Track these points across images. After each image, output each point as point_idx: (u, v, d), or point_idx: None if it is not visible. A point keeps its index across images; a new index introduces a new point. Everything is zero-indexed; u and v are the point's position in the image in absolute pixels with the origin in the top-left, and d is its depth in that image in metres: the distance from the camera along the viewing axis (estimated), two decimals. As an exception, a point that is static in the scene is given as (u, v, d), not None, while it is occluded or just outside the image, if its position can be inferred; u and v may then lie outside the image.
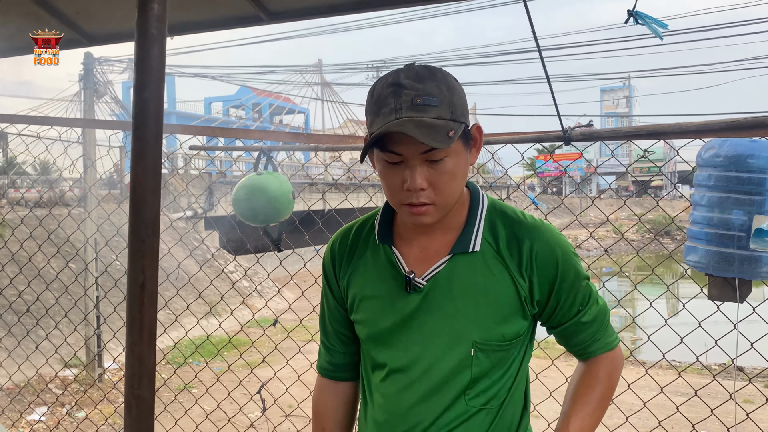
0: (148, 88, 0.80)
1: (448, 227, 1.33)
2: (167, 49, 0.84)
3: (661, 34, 1.88)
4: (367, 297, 1.37)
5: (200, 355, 4.98)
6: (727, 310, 2.53)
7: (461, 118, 1.21)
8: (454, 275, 1.29)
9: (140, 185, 0.81)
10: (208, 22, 2.55)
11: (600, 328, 1.40)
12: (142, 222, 0.82)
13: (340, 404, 1.52)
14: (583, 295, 1.35)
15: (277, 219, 3.18)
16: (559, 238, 1.33)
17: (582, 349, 1.42)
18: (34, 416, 5.87)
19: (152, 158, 0.80)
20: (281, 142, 4.83)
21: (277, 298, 11.14)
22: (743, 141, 2.38)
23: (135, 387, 0.82)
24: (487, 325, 1.28)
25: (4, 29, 2.83)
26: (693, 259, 2.52)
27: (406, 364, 1.32)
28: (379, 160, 1.25)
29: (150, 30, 0.80)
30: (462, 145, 1.24)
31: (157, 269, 0.83)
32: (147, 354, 0.83)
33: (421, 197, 1.21)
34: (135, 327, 0.83)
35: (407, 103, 1.16)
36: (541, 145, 2.81)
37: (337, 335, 1.48)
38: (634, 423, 2.95)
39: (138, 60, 0.80)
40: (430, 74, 1.20)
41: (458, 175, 1.24)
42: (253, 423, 3.81)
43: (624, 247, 23.61)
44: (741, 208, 2.35)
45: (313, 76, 34.71)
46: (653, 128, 2.73)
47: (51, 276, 4.09)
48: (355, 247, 1.42)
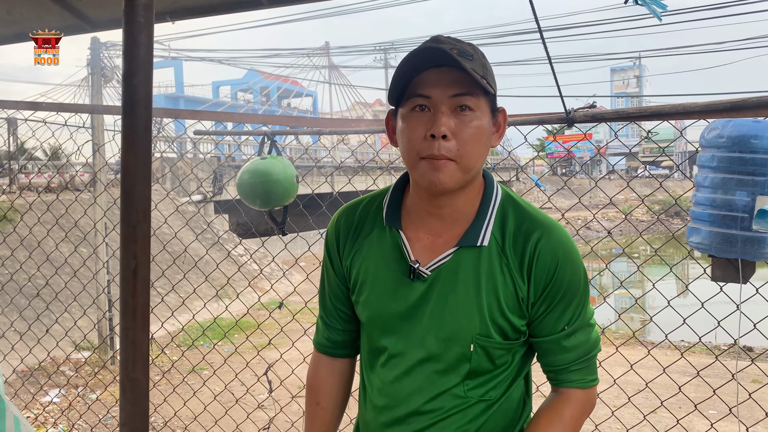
0: (137, 76, 0.81)
1: (458, 216, 1.29)
2: (173, 32, 0.85)
3: (660, 15, 1.85)
4: (370, 280, 1.34)
5: (208, 337, 5.04)
6: (732, 291, 2.52)
7: (492, 84, 1.21)
8: (459, 268, 1.27)
9: (130, 173, 0.82)
10: (209, 6, 2.53)
11: (580, 360, 1.34)
12: (133, 209, 0.83)
13: (336, 380, 1.51)
14: (574, 315, 1.30)
15: (281, 203, 3.19)
16: (566, 244, 1.28)
17: (554, 373, 1.36)
18: (47, 398, 5.98)
19: (142, 146, 0.81)
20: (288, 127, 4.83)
21: (285, 280, 11.21)
22: (747, 121, 2.36)
23: (129, 370, 0.84)
24: (488, 322, 1.26)
25: (7, 15, 2.84)
26: (696, 241, 2.51)
27: (406, 351, 1.31)
28: (401, 115, 1.23)
29: (137, 18, 0.80)
30: (489, 113, 1.22)
31: (149, 255, 0.84)
32: (141, 338, 0.84)
33: (442, 149, 1.17)
34: (128, 312, 0.84)
35: (445, 49, 1.16)
36: (551, 126, 2.78)
37: (336, 312, 1.47)
38: (640, 402, 2.98)
39: (126, 48, 0.81)
40: (467, 42, 1.22)
41: (482, 138, 1.21)
42: (261, 404, 3.86)
43: (631, 228, 23.50)
44: (744, 189, 2.34)
45: (321, 59, 34.56)
46: (657, 109, 2.71)
47: (62, 260, 4.14)
48: (361, 226, 1.39)
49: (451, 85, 1.17)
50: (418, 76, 1.19)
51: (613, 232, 22.72)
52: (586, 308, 1.32)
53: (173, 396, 4.28)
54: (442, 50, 1.15)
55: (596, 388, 1.39)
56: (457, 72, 1.16)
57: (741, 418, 4.11)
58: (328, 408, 1.50)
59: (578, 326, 1.31)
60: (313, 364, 1.54)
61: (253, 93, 42.79)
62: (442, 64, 1.17)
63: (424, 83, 1.18)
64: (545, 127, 3.28)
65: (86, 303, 7.25)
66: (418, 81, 1.19)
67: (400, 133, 1.24)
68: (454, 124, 1.18)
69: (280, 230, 3.31)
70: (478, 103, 1.19)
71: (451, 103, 1.18)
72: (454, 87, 1.17)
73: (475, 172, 1.25)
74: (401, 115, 1.24)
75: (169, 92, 42.94)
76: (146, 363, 0.85)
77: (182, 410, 3.97)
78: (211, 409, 4.07)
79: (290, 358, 4.17)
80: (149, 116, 0.82)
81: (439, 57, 1.16)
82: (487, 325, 1.26)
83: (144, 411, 0.85)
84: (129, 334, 0.84)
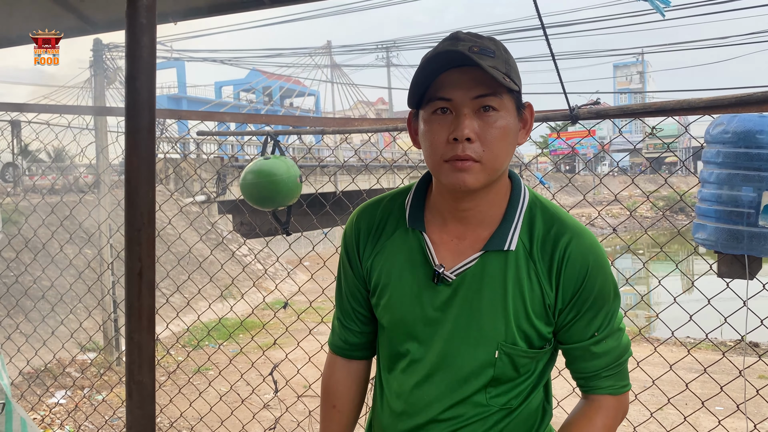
0: (140, 78, 0.81)
1: (484, 218, 1.25)
2: (175, 33, 0.85)
3: (663, 11, 1.84)
4: (392, 282, 1.31)
5: (213, 338, 5.05)
6: (739, 287, 2.51)
7: (516, 80, 1.17)
8: (485, 273, 1.23)
9: (134, 175, 0.82)
10: (211, 6, 2.54)
11: (611, 366, 1.30)
12: (138, 211, 0.83)
13: (353, 383, 1.48)
14: (603, 322, 1.26)
15: (285, 203, 3.19)
16: (596, 249, 1.25)
17: (585, 380, 1.33)
18: (53, 399, 6.00)
19: (146, 148, 0.81)
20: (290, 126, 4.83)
21: (289, 281, 11.22)
22: (752, 116, 2.34)
23: (135, 373, 0.84)
24: (514, 328, 1.23)
25: (10, 18, 2.84)
26: (702, 237, 2.50)
27: (428, 356, 1.28)
28: (423, 117, 1.20)
29: (140, 20, 0.80)
30: (514, 111, 1.19)
31: (153, 257, 0.84)
32: (146, 341, 0.84)
33: (467, 150, 1.13)
34: (134, 315, 0.84)
35: (465, 50, 1.12)
36: (555, 123, 2.77)
37: (354, 313, 1.43)
38: (647, 399, 2.96)
39: (129, 50, 0.81)
40: (488, 37, 1.19)
41: (508, 137, 1.17)
42: (267, 404, 3.87)
43: (637, 225, 23.43)
44: (750, 184, 2.33)
45: (323, 58, 34.56)
46: (661, 105, 2.70)
47: (66, 262, 4.16)
48: (383, 226, 1.35)
49: (473, 86, 1.14)
50: (438, 77, 1.16)
51: (619, 228, 22.66)
52: (616, 314, 1.29)
53: (179, 396, 4.29)
54: (460, 52, 1.11)
55: (629, 394, 1.36)
56: (479, 72, 1.12)
57: (748, 414, 4.09)
58: (344, 411, 1.47)
59: (608, 332, 1.28)
60: (328, 365, 1.51)
61: (256, 93, 42.83)
62: (462, 64, 1.13)
63: (444, 85, 1.15)
64: (548, 124, 3.26)
65: (91, 304, 7.27)
66: (438, 83, 1.16)
67: (423, 136, 1.21)
68: (477, 125, 1.15)
69: (284, 230, 3.31)
70: (502, 102, 1.16)
71: (474, 105, 1.15)
72: (477, 88, 1.14)
73: (500, 173, 1.21)
74: (423, 117, 1.21)
75: (172, 93, 43.00)
76: (152, 366, 0.85)
77: (188, 411, 3.98)
78: (217, 410, 4.07)
79: (296, 358, 4.18)
80: (153, 118, 0.82)
81: (458, 58, 1.12)
82: (513, 332, 1.23)
83: (150, 414, 0.85)
84: (134, 337, 0.84)
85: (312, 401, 4.66)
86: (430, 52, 1.17)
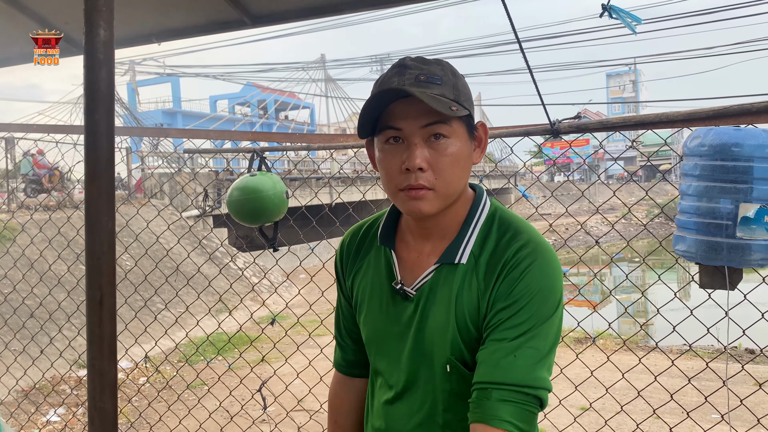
0: (98, 111, 0.83)
1: (444, 232, 1.27)
2: (169, 49, 0.86)
3: (634, 28, 1.88)
4: (367, 299, 1.35)
5: (200, 354, 5.05)
6: (723, 297, 2.53)
7: (465, 104, 1.18)
8: (438, 286, 1.24)
9: (94, 206, 0.84)
10: (193, 27, 2.57)
11: (514, 387, 1.11)
12: (97, 241, 0.84)
13: (354, 400, 1.52)
14: (522, 329, 1.13)
15: (271, 219, 3.20)
16: (547, 255, 1.18)
17: (478, 398, 1.14)
18: (47, 417, 5.97)
19: (105, 179, 0.83)
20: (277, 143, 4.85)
21: (286, 294, 11.20)
22: (728, 129, 2.37)
23: (97, 399, 0.85)
24: (456, 343, 1.21)
25: (8, 39, 2.87)
26: (682, 248, 2.52)
27: (396, 373, 1.30)
28: (377, 146, 1.22)
29: (97, 55, 0.82)
30: (466, 135, 1.20)
31: (114, 285, 0.86)
32: (108, 368, 0.86)
33: (419, 179, 1.15)
34: (94, 342, 0.86)
35: (410, 80, 1.14)
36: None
37: (348, 333, 1.48)
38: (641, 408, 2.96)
39: (87, 84, 0.83)
40: (435, 60, 1.20)
41: (460, 162, 1.19)
42: (255, 421, 3.86)
43: (632, 233, 23.48)
44: (727, 196, 2.35)
45: (317, 72, 34.70)
46: (641, 118, 2.74)
47: (57, 280, 4.15)
48: (362, 247, 1.40)
49: (421, 116, 1.14)
50: (388, 107, 1.17)
51: (615, 236, 22.46)
52: (542, 334, 1.15)
53: (168, 414, 4.27)
54: (403, 89, 1.12)
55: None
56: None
57: (744, 421, 4.09)
58: (345, 427, 1.52)
59: (524, 342, 1.14)
60: (333, 383, 1.56)
61: (251, 106, 42.92)
62: (408, 96, 1.14)
63: (394, 115, 1.17)
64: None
65: (82, 322, 7.24)
66: (388, 112, 1.17)
67: (378, 163, 1.23)
68: (429, 154, 1.16)
69: (271, 246, 3.32)
70: (452, 128, 1.17)
71: (424, 133, 1.16)
72: (425, 117, 1.14)
73: (457, 195, 1.23)
74: (377, 145, 1.23)
75: (167, 107, 43.06)
76: (114, 392, 0.86)
77: (177, 428, 3.96)
78: (207, 427, 4.06)
79: (286, 374, 4.17)
80: (111, 150, 0.84)
81: (402, 93, 1.13)
82: (458, 346, 1.21)
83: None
84: (96, 364, 0.85)
85: (302, 416, 4.65)
86: (377, 85, 1.19)
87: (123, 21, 2.60)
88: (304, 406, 3.97)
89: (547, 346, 1.15)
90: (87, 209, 0.84)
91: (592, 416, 4.90)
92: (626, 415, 3.16)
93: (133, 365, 7.21)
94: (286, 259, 6.45)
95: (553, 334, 1.17)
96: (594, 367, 3.01)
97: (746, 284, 2.53)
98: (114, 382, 0.86)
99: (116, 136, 3.65)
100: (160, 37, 2.69)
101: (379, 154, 1.22)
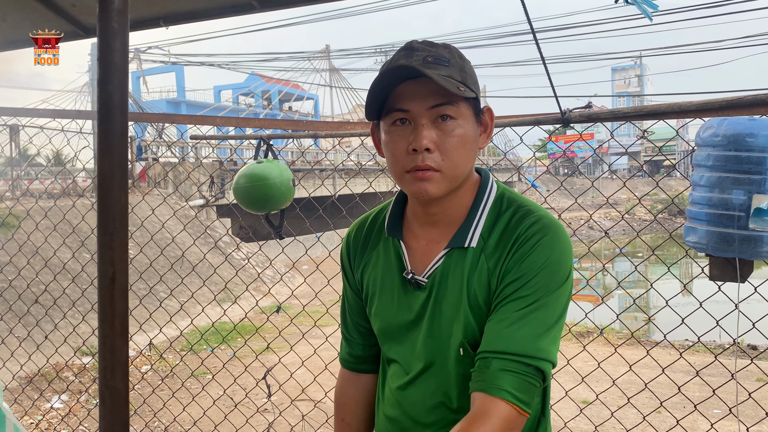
0: (112, 83, 0.81)
1: (453, 219, 1.26)
2: (174, 37, 0.85)
3: (650, 15, 1.84)
4: (378, 291, 1.34)
5: (206, 342, 5.05)
6: (733, 290, 2.51)
7: (472, 86, 1.19)
8: (450, 272, 1.24)
9: (107, 180, 0.82)
10: (201, 11, 2.54)
11: (517, 357, 1.11)
12: (110, 216, 0.83)
13: (361, 396, 1.50)
14: (531, 298, 1.14)
15: (278, 206, 3.19)
16: (556, 230, 1.18)
17: (481, 367, 1.14)
18: (50, 404, 5.98)
19: (118, 152, 0.81)
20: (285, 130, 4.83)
21: (291, 284, 11.21)
22: (742, 120, 2.34)
23: (108, 378, 0.83)
24: (469, 325, 1.21)
25: (2, 23, 2.84)
26: (692, 240, 2.50)
27: (409, 361, 1.30)
28: (383, 128, 1.22)
29: (111, 24, 0.80)
30: (472, 117, 1.20)
31: (127, 262, 0.84)
32: (119, 346, 0.84)
33: (426, 159, 1.15)
34: (106, 320, 0.84)
35: (419, 61, 1.14)
36: (553, 127, 2.78)
37: (356, 327, 1.47)
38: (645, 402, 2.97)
39: (101, 54, 0.81)
40: (442, 44, 1.21)
41: (467, 144, 1.19)
42: (260, 409, 3.86)
43: (636, 228, 23.45)
44: (740, 187, 2.33)
45: (321, 62, 34.62)
46: (652, 108, 2.71)
47: (61, 266, 4.14)
48: (369, 239, 1.39)
49: (429, 96, 1.15)
50: (396, 89, 1.18)
51: (618, 231, 22.52)
52: (549, 305, 1.15)
53: (173, 401, 4.28)
54: (413, 67, 1.13)
55: (514, 409, 1.12)
56: (434, 82, 1.13)
57: (746, 416, 4.08)
58: (353, 424, 1.50)
59: (529, 311, 1.14)
60: (339, 379, 1.55)
61: (255, 97, 42.86)
62: (417, 76, 1.15)
63: (401, 97, 1.17)
64: (548, 127, 3.26)
65: (87, 308, 7.25)
66: (395, 94, 1.18)
67: (384, 147, 1.23)
68: (436, 135, 1.16)
69: (277, 234, 3.31)
70: (459, 110, 1.17)
71: (431, 115, 1.16)
72: (432, 98, 1.15)
73: (463, 178, 1.23)
74: (383, 128, 1.23)
75: (171, 97, 43.01)
76: (126, 371, 0.85)
77: (182, 415, 3.97)
78: (212, 414, 4.06)
79: (292, 362, 4.17)
80: (125, 122, 0.82)
81: (411, 71, 1.14)
82: (471, 328, 1.22)
83: (124, 420, 0.84)
84: (107, 342, 0.83)
85: (306, 405, 4.65)
86: (385, 65, 1.19)
87: (131, 5, 2.58)
88: (309, 396, 3.97)
89: (553, 318, 1.15)
90: (99, 184, 0.82)
91: (594, 409, 4.89)
92: (632, 407, 3.15)
93: (137, 353, 7.22)
94: (291, 250, 6.44)
95: (560, 307, 1.17)
96: (597, 361, 3.00)
97: (753, 280, 2.51)
98: (126, 361, 0.85)
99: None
100: (168, 20, 2.66)
101: (385, 136, 1.22)
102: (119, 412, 0.83)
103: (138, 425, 4.76)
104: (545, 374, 1.13)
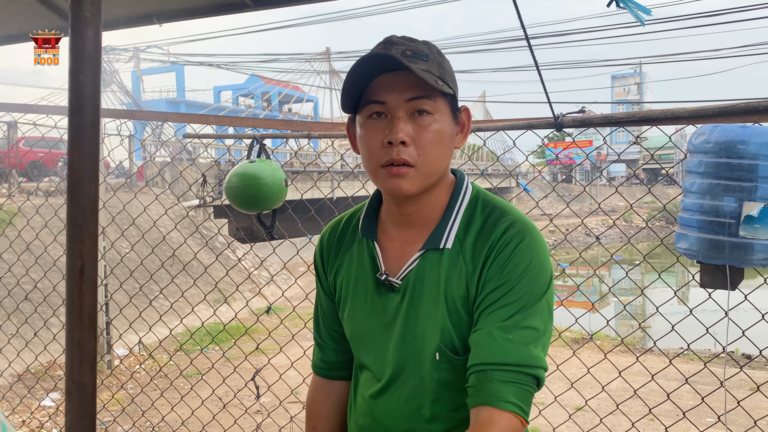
0: (84, 72, 0.79)
1: (428, 220, 1.24)
2: (173, 37, 0.83)
3: (643, 21, 1.83)
4: (351, 294, 1.31)
5: (196, 342, 5.04)
6: (723, 297, 2.50)
7: (450, 83, 1.17)
8: (425, 274, 1.21)
9: (77, 171, 0.81)
10: (195, 9, 2.54)
11: (513, 367, 1.09)
12: (79, 207, 0.81)
13: (333, 404, 1.46)
14: (516, 306, 1.12)
15: (269, 206, 3.18)
16: (533, 234, 1.17)
17: (477, 381, 1.11)
18: (40, 402, 5.95)
19: (89, 143, 0.80)
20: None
21: (283, 285, 11.18)
22: (734, 127, 2.34)
23: (75, 373, 0.82)
24: (447, 329, 1.18)
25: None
26: (683, 247, 2.49)
27: (383, 367, 1.26)
28: (359, 122, 1.20)
29: (83, 12, 0.78)
30: (449, 114, 1.18)
31: (96, 255, 0.82)
32: (87, 340, 0.83)
33: (402, 153, 1.13)
34: (74, 313, 0.83)
35: (397, 54, 1.12)
36: (552, 132, 2.78)
37: (328, 332, 1.43)
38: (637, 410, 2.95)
39: (72, 43, 0.79)
40: (421, 40, 1.19)
41: (443, 141, 1.17)
42: (248, 410, 3.84)
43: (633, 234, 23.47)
44: (731, 194, 2.32)
45: (322, 65, 34.64)
46: (645, 114, 2.71)
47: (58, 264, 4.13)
48: (343, 240, 1.36)
49: (407, 89, 1.13)
50: (373, 81, 1.16)
51: (615, 239, 22.52)
52: (536, 312, 1.14)
53: (161, 400, 4.26)
54: (391, 56, 1.11)
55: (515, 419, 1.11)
56: (412, 75, 1.11)
57: (738, 425, 4.07)
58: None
59: (519, 320, 1.13)
60: (311, 387, 1.51)
61: (255, 98, 42.87)
62: (395, 68, 1.13)
63: (378, 89, 1.15)
64: (545, 133, 3.25)
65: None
66: (372, 87, 1.16)
67: (359, 140, 1.21)
68: (412, 128, 1.14)
69: (269, 234, 3.29)
70: (436, 105, 1.16)
71: (408, 108, 1.14)
72: (410, 90, 1.13)
73: (438, 176, 1.21)
74: (359, 122, 1.20)
75: (171, 97, 43.00)
76: (93, 365, 0.83)
77: (170, 415, 3.94)
78: (200, 415, 4.04)
79: (280, 364, 4.15)
80: (97, 113, 0.81)
81: (390, 62, 1.12)
82: (448, 332, 1.19)
83: (90, 415, 0.83)
84: (75, 336, 0.82)
85: (295, 407, 4.63)
86: (362, 56, 1.17)
87: (125, 1, 2.57)
88: (298, 398, 3.95)
89: (541, 324, 1.14)
90: (69, 174, 0.81)
91: (587, 416, 4.88)
92: (621, 414, 3.13)
93: (127, 352, 7.19)
94: (285, 251, 6.41)
95: (546, 313, 1.16)
96: (589, 367, 2.99)
97: (744, 288, 2.50)
98: (93, 355, 0.83)
99: (117, 120, 3.57)
100: (162, 17, 2.65)
101: (360, 130, 1.20)
102: (86, 408, 0.81)
103: (126, 425, 4.73)
104: (540, 381, 1.13)
